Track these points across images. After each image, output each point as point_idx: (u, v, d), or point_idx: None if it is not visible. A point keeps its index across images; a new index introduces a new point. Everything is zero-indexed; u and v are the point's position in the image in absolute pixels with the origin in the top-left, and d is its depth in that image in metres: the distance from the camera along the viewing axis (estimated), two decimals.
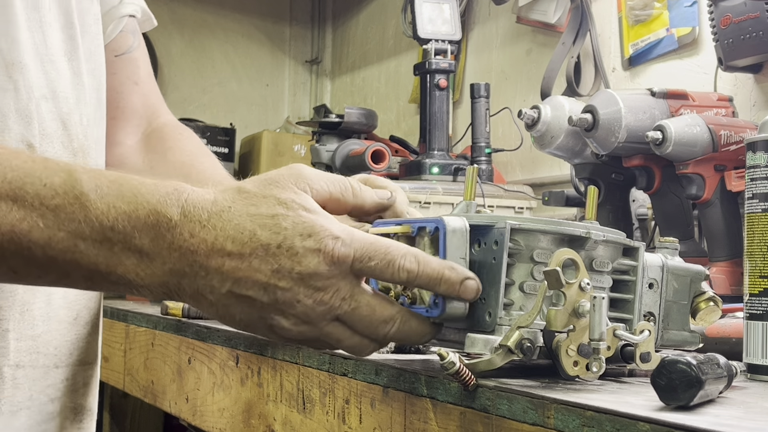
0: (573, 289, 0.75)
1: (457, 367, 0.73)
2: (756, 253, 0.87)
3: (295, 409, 1.07)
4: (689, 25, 1.90)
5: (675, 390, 0.66)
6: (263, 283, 0.66)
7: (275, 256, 0.65)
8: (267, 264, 0.65)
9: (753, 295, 0.87)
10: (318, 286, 0.65)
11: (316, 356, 1.02)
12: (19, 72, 0.82)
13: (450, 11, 2.14)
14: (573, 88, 2.13)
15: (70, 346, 0.90)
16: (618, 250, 0.87)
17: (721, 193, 1.41)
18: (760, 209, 0.88)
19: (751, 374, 0.86)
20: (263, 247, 0.65)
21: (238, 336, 1.24)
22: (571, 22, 2.16)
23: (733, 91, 1.74)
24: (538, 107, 1.59)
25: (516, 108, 1.89)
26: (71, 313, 0.89)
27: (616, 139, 1.46)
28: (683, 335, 0.92)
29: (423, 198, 1.87)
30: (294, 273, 0.65)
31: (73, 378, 0.91)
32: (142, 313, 1.62)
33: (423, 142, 2.11)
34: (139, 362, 1.61)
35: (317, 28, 3.59)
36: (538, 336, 0.76)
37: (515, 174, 2.39)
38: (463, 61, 2.67)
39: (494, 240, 0.81)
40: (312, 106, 3.41)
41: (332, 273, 0.65)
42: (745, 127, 1.44)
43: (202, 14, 3.44)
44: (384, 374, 0.88)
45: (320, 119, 2.22)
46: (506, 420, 0.72)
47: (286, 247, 0.64)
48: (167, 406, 1.49)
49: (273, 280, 0.65)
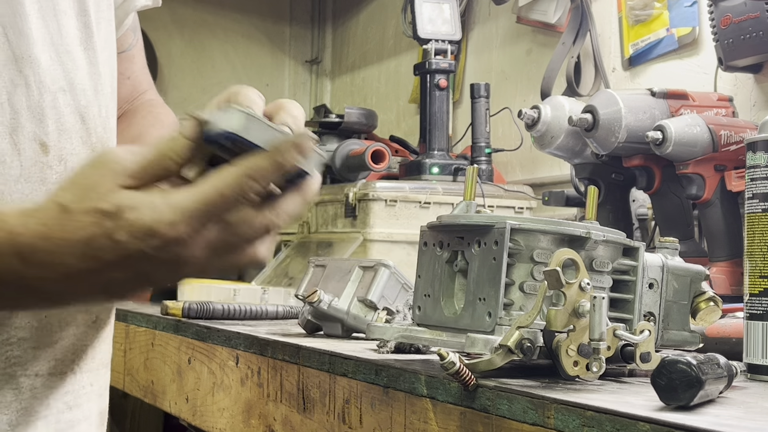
0: (573, 289, 0.75)
1: (457, 367, 0.73)
2: (756, 253, 0.87)
3: (295, 409, 1.07)
4: (689, 25, 1.90)
5: (675, 390, 0.66)
6: (147, 280, 0.68)
7: (133, 267, 0.65)
8: (128, 271, 0.66)
9: (753, 295, 0.87)
10: (186, 260, 0.65)
11: (316, 356, 1.02)
12: (29, 66, 0.79)
13: (450, 11, 2.14)
14: (573, 88, 2.13)
15: (90, 351, 0.87)
16: (618, 250, 0.87)
17: (721, 193, 1.41)
18: (760, 209, 0.88)
19: (751, 374, 0.86)
20: (115, 265, 0.65)
21: (238, 336, 1.24)
22: (571, 22, 2.16)
23: (733, 91, 1.74)
24: (538, 107, 1.59)
25: (516, 108, 1.89)
26: (89, 317, 0.87)
27: (616, 139, 1.46)
28: (683, 335, 0.92)
29: (423, 198, 1.87)
30: (160, 270, 0.66)
31: (98, 382, 0.89)
32: (142, 313, 1.62)
33: (423, 142, 2.11)
34: (139, 362, 1.61)
35: (317, 28, 3.59)
36: (538, 336, 0.76)
37: (515, 174, 2.39)
38: (463, 61, 2.67)
39: (494, 240, 0.81)
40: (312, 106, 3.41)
41: (189, 250, 0.65)
42: (745, 127, 1.44)
43: (202, 14, 3.44)
44: (384, 374, 0.88)
45: (320, 119, 2.22)
46: (506, 420, 0.72)
47: (136, 257, 0.64)
48: (167, 406, 1.49)
49: (152, 278, 0.67)
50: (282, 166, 0.65)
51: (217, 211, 0.65)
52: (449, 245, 0.87)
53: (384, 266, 1.21)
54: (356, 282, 1.22)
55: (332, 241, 1.93)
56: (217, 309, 1.47)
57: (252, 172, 0.65)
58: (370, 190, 1.85)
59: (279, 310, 1.53)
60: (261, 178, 0.65)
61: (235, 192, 0.64)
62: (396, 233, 1.84)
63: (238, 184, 0.64)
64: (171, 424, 2.57)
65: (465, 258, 0.85)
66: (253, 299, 1.66)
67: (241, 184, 0.64)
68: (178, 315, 1.48)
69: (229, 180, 0.65)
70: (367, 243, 1.83)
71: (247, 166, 0.65)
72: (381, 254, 1.79)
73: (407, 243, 1.83)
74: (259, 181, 0.65)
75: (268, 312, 1.52)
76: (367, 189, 1.86)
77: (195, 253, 0.66)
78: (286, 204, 0.69)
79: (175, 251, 0.65)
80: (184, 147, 0.66)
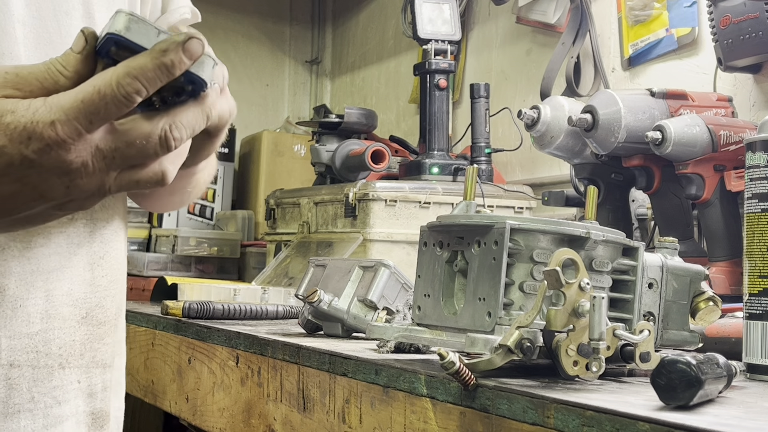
0: (573, 289, 0.76)
1: (457, 367, 0.73)
2: (755, 253, 0.88)
3: (295, 409, 1.07)
4: (689, 25, 1.90)
5: (675, 390, 0.66)
6: (39, 194, 0.65)
7: (19, 177, 0.63)
8: (15, 183, 0.63)
9: (752, 295, 0.87)
10: (74, 167, 0.63)
11: (316, 356, 1.02)
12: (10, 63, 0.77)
13: (450, 11, 2.14)
14: (573, 88, 2.13)
15: (80, 347, 0.86)
16: (618, 250, 0.87)
17: (721, 193, 1.41)
18: (760, 209, 0.88)
19: (751, 374, 0.86)
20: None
21: (238, 336, 1.24)
22: (570, 22, 2.16)
23: (732, 91, 1.74)
24: (538, 107, 1.59)
25: (516, 108, 1.89)
26: (78, 312, 0.85)
27: (616, 139, 1.46)
28: (683, 335, 0.92)
29: (423, 198, 1.87)
30: (49, 180, 0.63)
31: (89, 381, 0.87)
32: (142, 313, 1.62)
33: (423, 142, 2.11)
34: (139, 362, 1.61)
35: (317, 28, 3.59)
36: (538, 336, 0.76)
37: (515, 174, 2.39)
38: (463, 61, 2.67)
39: (494, 240, 0.81)
40: (312, 106, 3.41)
41: (74, 154, 0.63)
42: (744, 127, 1.44)
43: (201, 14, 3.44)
44: (384, 374, 0.88)
45: (320, 119, 2.22)
46: (506, 420, 0.72)
47: (19, 165, 0.62)
48: (167, 405, 1.49)
49: (42, 190, 0.64)
50: (167, 68, 0.63)
51: (95, 110, 0.62)
52: (449, 245, 0.87)
53: (384, 266, 1.21)
54: (356, 282, 1.22)
55: (332, 241, 1.93)
56: (217, 309, 1.48)
57: (132, 70, 0.62)
58: (370, 190, 1.86)
59: (279, 310, 1.53)
60: (143, 78, 0.62)
61: (113, 90, 0.62)
62: (396, 233, 1.84)
63: (118, 81, 0.62)
64: (171, 424, 2.57)
65: (465, 258, 0.85)
66: (253, 299, 1.66)
67: (120, 82, 0.62)
68: (179, 315, 1.48)
69: (107, 78, 0.62)
70: (367, 243, 1.83)
71: (128, 64, 0.63)
72: (381, 254, 1.79)
73: (407, 243, 1.83)
74: (141, 80, 0.62)
75: (268, 312, 1.52)
76: (367, 189, 1.86)
77: (83, 159, 0.63)
78: (183, 115, 0.66)
79: (59, 155, 0.62)
80: (73, 60, 0.64)
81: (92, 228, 0.86)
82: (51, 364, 0.83)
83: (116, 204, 0.90)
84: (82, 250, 0.85)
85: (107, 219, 0.88)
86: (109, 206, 0.88)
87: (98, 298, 0.88)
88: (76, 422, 0.86)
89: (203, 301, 1.49)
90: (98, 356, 0.88)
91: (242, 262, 2.47)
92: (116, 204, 0.90)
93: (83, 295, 0.86)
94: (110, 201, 0.88)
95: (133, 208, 2.64)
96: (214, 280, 2.18)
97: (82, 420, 0.87)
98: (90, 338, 0.87)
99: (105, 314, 0.89)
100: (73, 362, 0.85)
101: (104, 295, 0.88)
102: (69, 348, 0.85)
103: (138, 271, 2.32)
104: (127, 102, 0.63)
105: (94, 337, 0.87)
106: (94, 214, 0.86)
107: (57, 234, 0.83)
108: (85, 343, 0.86)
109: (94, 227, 0.87)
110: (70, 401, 0.85)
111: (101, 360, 0.89)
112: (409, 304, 1.15)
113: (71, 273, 0.84)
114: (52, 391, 0.84)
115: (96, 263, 0.87)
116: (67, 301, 0.84)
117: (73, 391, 0.86)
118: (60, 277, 0.83)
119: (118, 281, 0.91)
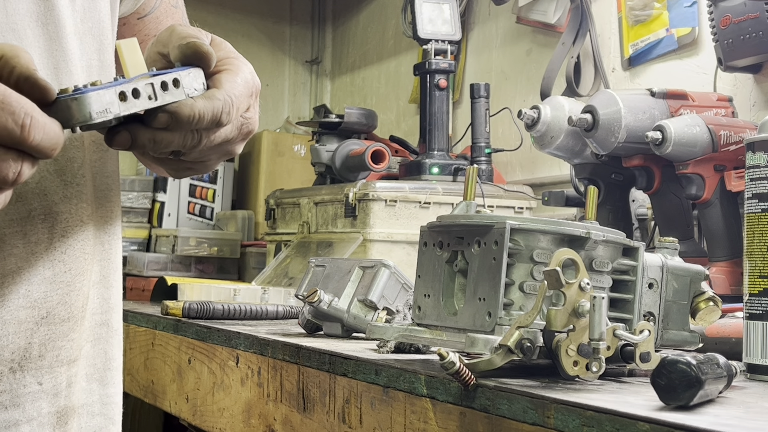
0: (573, 289, 0.76)
1: (457, 367, 0.73)
2: (756, 253, 0.88)
3: (295, 409, 1.07)
4: (689, 25, 1.90)
5: (675, 390, 0.66)
6: None
7: None
8: None
9: (753, 295, 0.87)
10: None
11: (316, 356, 1.02)
12: None
13: (450, 11, 2.14)
14: (573, 89, 2.13)
15: (38, 348, 0.82)
16: (618, 250, 0.87)
17: (721, 193, 1.41)
18: (760, 209, 0.88)
19: (751, 374, 0.86)
20: None
21: (238, 336, 1.24)
22: (571, 22, 2.16)
23: (732, 91, 1.74)
24: (538, 107, 1.59)
25: (516, 108, 1.89)
26: (38, 313, 0.82)
27: (616, 139, 1.46)
28: (683, 335, 0.92)
29: (423, 198, 1.87)
30: None
31: (53, 381, 0.84)
32: (142, 313, 1.62)
33: (423, 142, 2.11)
34: (139, 362, 1.61)
35: (317, 28, 3.59)
36: (538, 336, 0.76)
37: (515, 174, 2.39)
38: (463, 61, 2.67)
39: (494, 240, 0.81)
40: (312, 106, 3.41)
41: None
42: (744, 127, 1.44)
43: (202, 14, 3.44)
44: (384, 374, 0.88)
45: (320, 119, 2.22)
46: (506, 420, 0.72)
47: None
48: (167, 406, 1.49)
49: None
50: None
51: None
52: (449, 245, 0.87)
53: (384, 266, 1.21)
54: (356, 282, 1.22)
55: (332, 241, 1.93)
56: (217, 309, 1.48)
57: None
58: (370, 190, 1.86)
59: (279, 310, 1.53)
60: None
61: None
62: (396, 233, 1.84)
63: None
64: (171, 424, 2.57)
65: (465, 258, 0.85)
66: (253, 299, 1.66)
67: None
68: (179, 315, 1.48)
69: None
70: (367, 243, 1.83)
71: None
72: (381, 254, 1.79)
73: (407, 243, 1.83)
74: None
75: (268, 312, 1.52)
76: (367, 189, 1.86)
77: None
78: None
79: None
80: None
81: (51, 223, 0.83)
82: (1, 369, 0.80)
83: (81, 193, 0.86)
84: (40, 248, 0.82)
85: (69, 211, 0.84)
86: (72, 196, 0.84)
87: (60, 295, 0.84)
88: (38, 424, 0.83)
89: (203, 301, 1.49)
90: (63, 354, 0.85)
91: (242, 262, 2.47)
92: (81, 193, 0.86)
93: (43, 295, 0.82)
94: (72, 191, 0.85)
95: (133, 208, 2.64)
96: (214, 280, 2.18)
97: (46, 422, 0.84)
98: (51, 338, 0.83)
99: (68, 310, 0.85)
100: (29, 365, 0.82)
101: (67, 291, 0.84)
102: (24, 352, 0.82)
103: (138, 271, 2.32)
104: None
105: (57, 335, 0.84)
106: (53, 207, 0.83)
107: (12, 235, 0.80)
108: (45, 343, 0.83)
109: (54, 221, 0.83)
110: (25, 404, 0.82)
111: (66, 357, 0.85)
112: (409, 304, 1.15)
113: (29, 273, 0.81)
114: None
115: (57, 259, 0.83)
116: (24, 303, 0.81)
117: (31, 395, 0.83)
118: (16, 280, 0.80)
119: (85, 272, 0.87)
